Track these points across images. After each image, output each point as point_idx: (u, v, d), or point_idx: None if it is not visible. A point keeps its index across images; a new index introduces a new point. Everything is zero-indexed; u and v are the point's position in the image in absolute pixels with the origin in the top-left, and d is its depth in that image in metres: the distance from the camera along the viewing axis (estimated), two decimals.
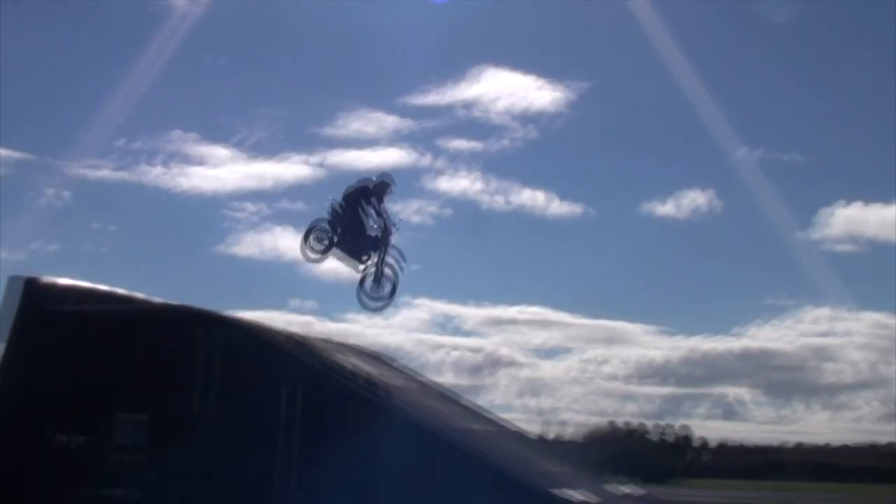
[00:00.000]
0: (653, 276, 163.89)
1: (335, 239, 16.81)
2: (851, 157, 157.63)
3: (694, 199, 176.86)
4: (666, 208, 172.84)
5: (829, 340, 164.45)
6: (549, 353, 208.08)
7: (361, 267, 16.72)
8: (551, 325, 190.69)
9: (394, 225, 16.72)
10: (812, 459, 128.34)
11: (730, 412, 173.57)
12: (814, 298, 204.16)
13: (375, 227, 16.75)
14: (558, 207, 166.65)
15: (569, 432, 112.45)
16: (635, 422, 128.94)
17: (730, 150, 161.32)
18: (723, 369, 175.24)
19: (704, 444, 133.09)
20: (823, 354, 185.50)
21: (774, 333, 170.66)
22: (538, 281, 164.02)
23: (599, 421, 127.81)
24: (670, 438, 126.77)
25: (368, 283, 16.76)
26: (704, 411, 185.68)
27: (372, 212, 16.82)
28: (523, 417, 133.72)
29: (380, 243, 16.69)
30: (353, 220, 16.64)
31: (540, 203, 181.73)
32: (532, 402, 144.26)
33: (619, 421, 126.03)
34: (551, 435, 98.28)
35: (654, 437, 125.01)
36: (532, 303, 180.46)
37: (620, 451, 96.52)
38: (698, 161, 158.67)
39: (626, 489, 16.25)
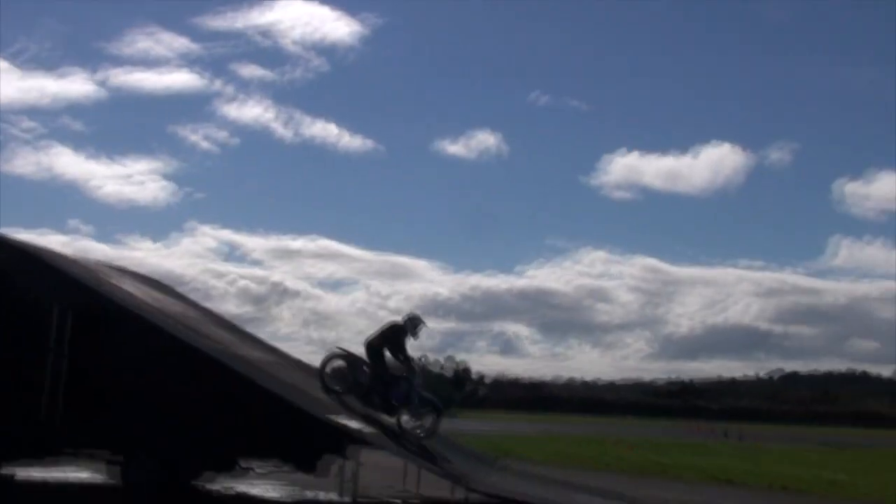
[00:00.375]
0: (440, 213, 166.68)
1: (360, 392, 14.96)
2: (634, 108, 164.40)
3: (483, 140, 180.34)
4: (456, 148, 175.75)
5: (603, 282, 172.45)
6: (335, 285, 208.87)
7: (392, 417, 14.94)
8: (338, 257, 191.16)
9: (418, 367, 15.47)
10: (582, 394, 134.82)
11: (508, 348, 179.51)
12: (592, 241, 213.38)
13: (400, 370, 15.22)
14: (349, 141, 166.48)
15: None
16: (417, 355, 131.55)
17: (520, 95, 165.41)
18: (503, 306, 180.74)
19: (482, 378, 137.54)
20: (597, 295, 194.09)
21: (553, 273, 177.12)
22: (326, 214, 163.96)
23: None
24: (450, 372, 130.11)
25: (404, 419, 14.97)
26: (484, 346, 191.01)
27: (394, 354, 15.24)
28: (307, 349, 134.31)
29: (409, 387, 15.00)
30: (377, 373, 15.04)
31: (331, 136, 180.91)
32: (316, 334, 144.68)
33: None
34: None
35: (435, 370, 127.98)
36: (319, 235, 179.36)
37: None
38: (489, 103, 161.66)
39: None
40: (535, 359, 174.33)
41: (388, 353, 15.10)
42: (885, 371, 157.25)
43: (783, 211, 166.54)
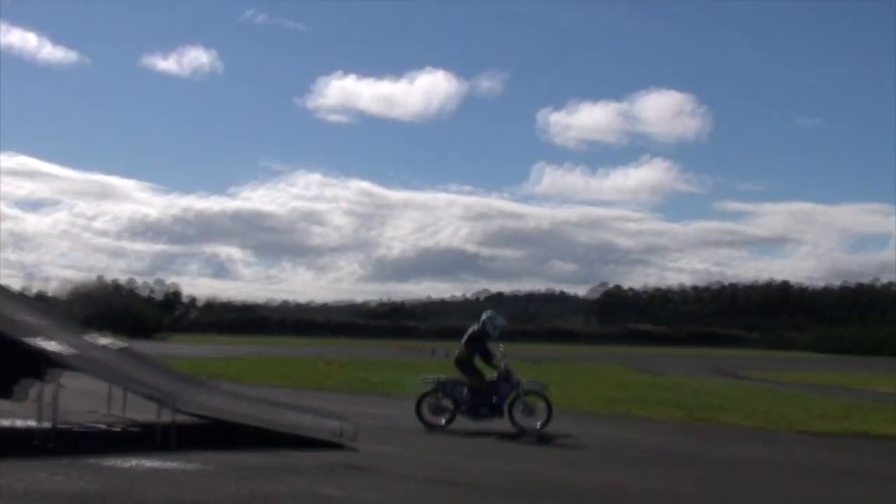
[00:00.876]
0: (149, 131, 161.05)
1: (465, 411, 15.75)
2: (351, 31, 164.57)
3: (196, 57, 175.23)
4: (167, 64, 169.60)
5: (317, 205, 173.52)
6: (35, 205, 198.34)
7: (505, 418, 15.59)
8: (38, 176, 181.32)
9: (502, 362, 15.92)
10: (296, 316, 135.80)
11: (220, 271, 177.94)
12: (307, 164, 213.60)
13: (496, 368, 15.97)
14: (51, 52, 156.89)
15: (53, 287, 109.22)
16: (124, 278, 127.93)
17: (235, 12, 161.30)
18: (216, 228, 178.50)
19: (193, 301, 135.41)
20: (312, 218, 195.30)
21: (267, 196, 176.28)
22: (25, 129, 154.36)
23: (87, 277, 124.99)
24: (160, 295, 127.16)
25: (517, 413, 15.60)
26: (195, 269, 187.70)
27: (485, 360, 16.06)
28: (4, 272, 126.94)
29: (509, 384, 15.79)
30: (476, 385, 15.83)
31: (29, 46, 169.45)
32: (14, 257, 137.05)
33: (108, 277, 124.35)
34: (34, 290, 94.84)
35: (143, 293, 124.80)
36: (17, 151, 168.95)
37: (107, 306, 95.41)
38: (203, 19, 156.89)
39: (105, 341, 16.28)
40: (248, 281, 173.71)
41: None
42: (581, 291, 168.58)
43: (492, 138, 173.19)
